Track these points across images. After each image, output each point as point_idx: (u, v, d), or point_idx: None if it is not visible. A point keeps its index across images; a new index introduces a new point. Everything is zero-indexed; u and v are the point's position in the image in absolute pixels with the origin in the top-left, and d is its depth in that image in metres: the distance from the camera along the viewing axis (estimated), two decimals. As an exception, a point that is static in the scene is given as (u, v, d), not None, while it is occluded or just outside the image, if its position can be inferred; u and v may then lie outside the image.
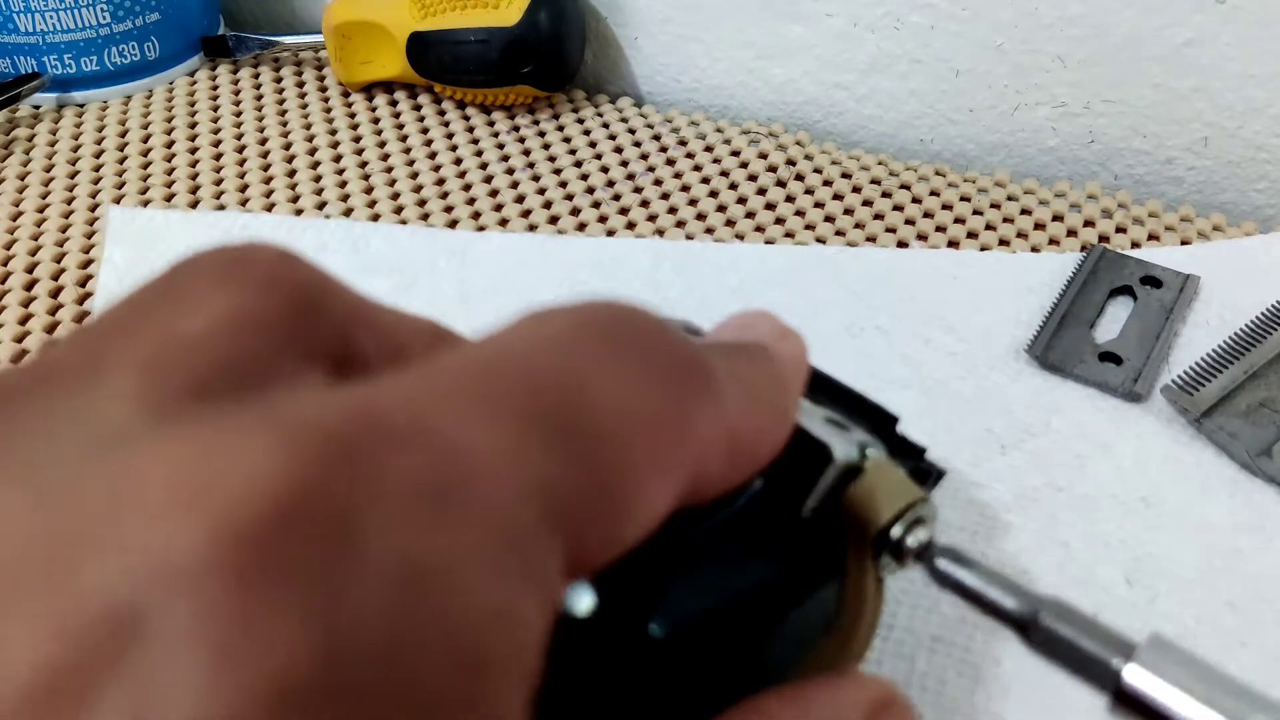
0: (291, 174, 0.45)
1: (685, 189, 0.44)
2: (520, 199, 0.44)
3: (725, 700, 0.15)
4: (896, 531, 0.17)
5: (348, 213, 0.43)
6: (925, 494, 0.17)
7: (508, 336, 0.12)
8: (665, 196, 0.44)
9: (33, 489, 0.10)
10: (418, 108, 0.50)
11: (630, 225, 0.42)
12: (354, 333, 0.13)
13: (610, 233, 0.42)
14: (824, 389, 0.27)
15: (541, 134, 0.48)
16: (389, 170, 0.45)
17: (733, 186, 0.44)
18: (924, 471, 0.27)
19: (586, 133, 0.48)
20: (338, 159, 0.46)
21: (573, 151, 0.47)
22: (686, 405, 0.13)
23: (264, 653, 0.08)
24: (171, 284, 0.13)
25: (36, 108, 0.49)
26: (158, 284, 0.13)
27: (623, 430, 0.12)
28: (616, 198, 0.44)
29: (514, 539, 0.10)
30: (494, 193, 0.44)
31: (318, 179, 0.45)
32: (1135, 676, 0.14)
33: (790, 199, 0.44)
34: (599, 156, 0.46)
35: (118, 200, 0.44)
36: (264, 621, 0.09)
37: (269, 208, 0.43)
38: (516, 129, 0.48)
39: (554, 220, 0.42)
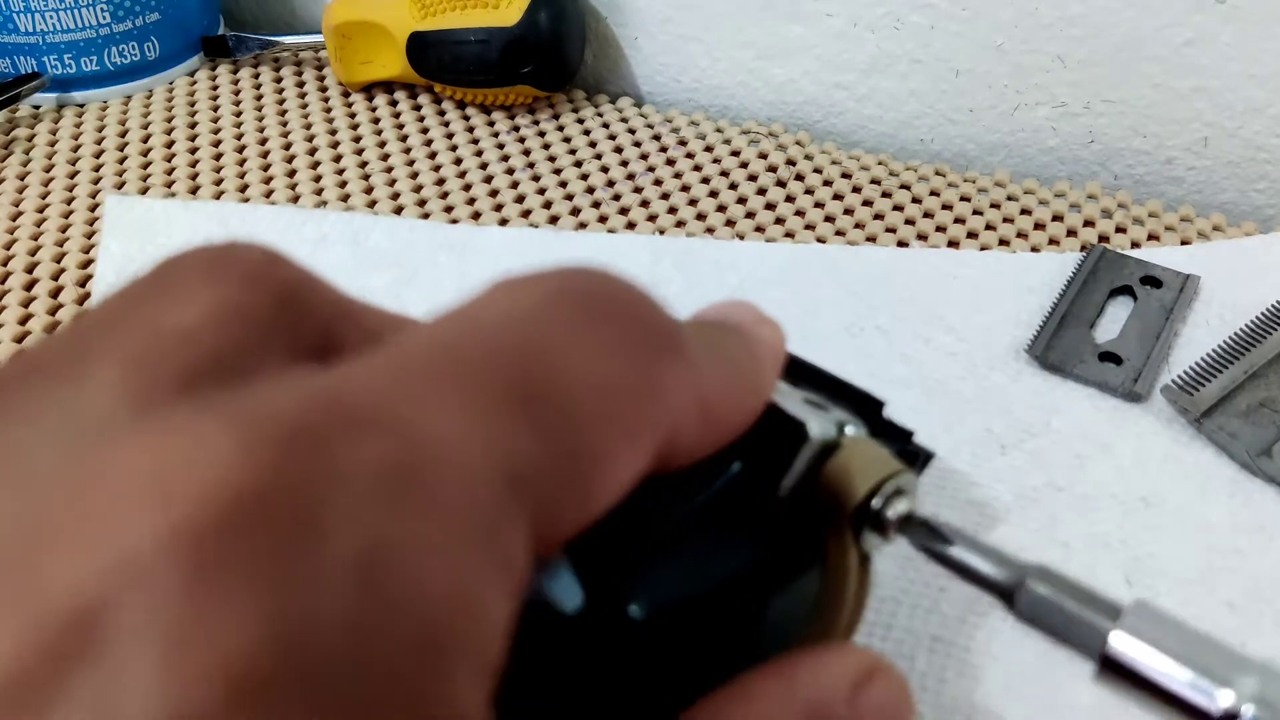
0: (291, 174, 0.45)
1: (685, 189, 0.44)
2: (520, 199, 0.44)
3: (712, 684, 0.15)
4: (876, 504, 0.17)
5: (347, 212, 0.43)
6: (903, 465, 0.17)
7: (476, 309, 0.12)
8: (665, 196, 0.44)
9: (7, 481, 0.10)
10: (418, 108, 0.50)
11: (630, 225, 0.42)
12: (337, 327, 0.13)
13: (610, 233, 0.42)
14: (807, 376, 0.27)
15: (541, 134, 0.48)
16: (389, 170, 0.45)
17: (733, 186, 0.44)
18: (911, 454, 0.27)
19: (586, 133, 0.48)
20: (338, 159, 0.46)
21: (573, 151, 0.47)
22: (658, 370, 0.13)
23: (218, 645, 0.09)
24: (159, 279, 0.13)
25: (36, 108, 0.49)
26: (145, 279, 0.13)
27: (591, 399, 0.12)
28: (616, 198, 0.44)
29: (479, 522, 0.10)
30: (494, 193, 0.44)
31: (318, 179, 0.45)
32: (1121, 642, 0.14)
33: (790, 199, 0.44)
34: (599, 156, 0.46)
35: (118, 200, 0.44)
36: (218, 614, 0.09)
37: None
38: (516, 129, 0.48)
39: (554, 220, 0.42)
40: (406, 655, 0.09)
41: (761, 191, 0.44)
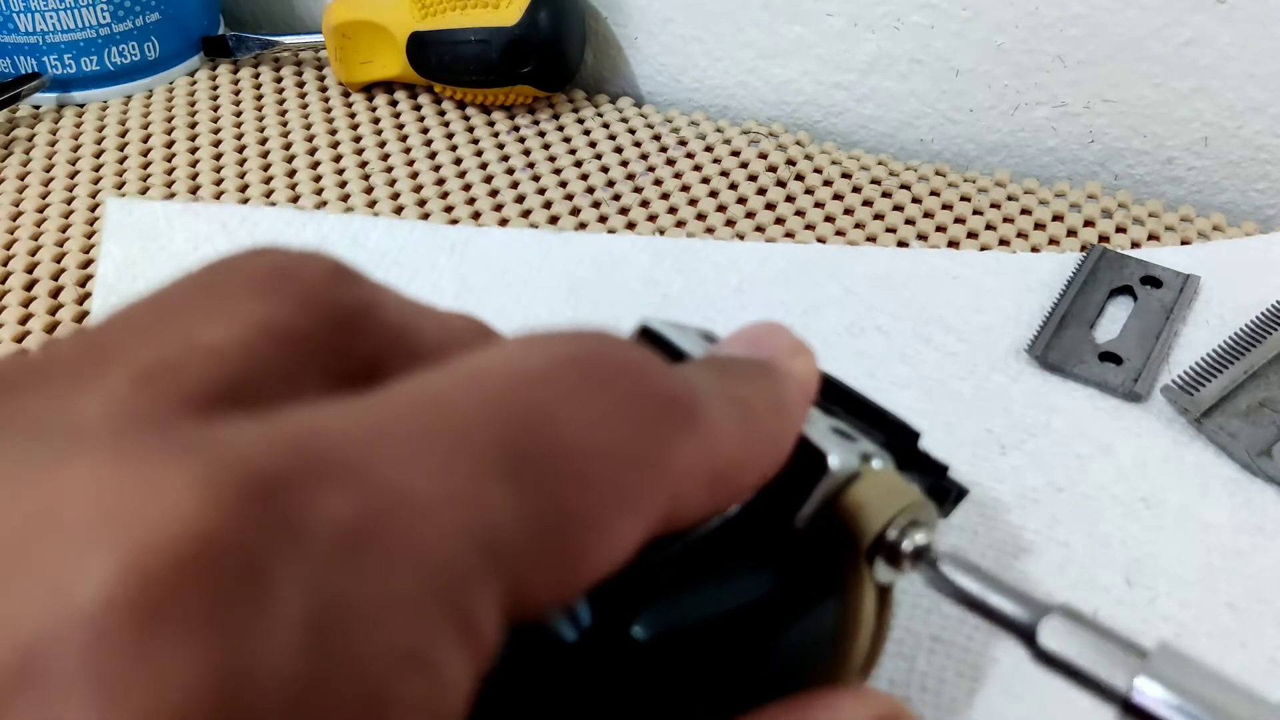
0: (291, 174, 0.45)
1: (685, 189, 0.44)
2: (520, 199, 0.44)
3: (720, 716, 0.15)
4: (891, 535, 0.16)
5: (347, 212, 0.43)
6: (922, 498, 0.17)
7: (482, 362, 0.12)
8: (665, 196, 0.44)
9: None
10: (418, 108, 0.50)
11: (630, 225, 0.42)
12: (391, 354, 0.13)
13: (610, 233, 0.42)
14: (843, 401, 0.26)
15: (541, 134, 0.48)
16: (389, 170, 0.45)
17: (733, 186, 0.44)
18: (944, 489, 0.26)
19: (586, 133, 0.48)
20: (338, 159, 0.46)
21: (573, 151, 0.47)
22: (661, 442, 0.12)
23: (155, 694, 0.08)
24: (209, 283, 0.13)
25: (36, 108, 0.49)
26: (196, 279, 0.13)
27: (587, 469, 0.12)
28: (616, 198, 0.44)
29: (441, 585, 0.10)
30: (494, 193, 0.44)
31: (318, 179, 0.45)
32: (1145, 687, 0.14)
33: (790, 199, 0.44)
34: (599, 156, 0.46)
35: (118, 200, 0.44)
36: (158, 663, 0.09)
37: (269, 206, 0.43)
38: (516, 129, 0.48)
39: (554, 220, 0.42)
40: (347, 715, 0.09)
41: (761, 191, 0.44)
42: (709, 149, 0.47)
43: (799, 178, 0.45)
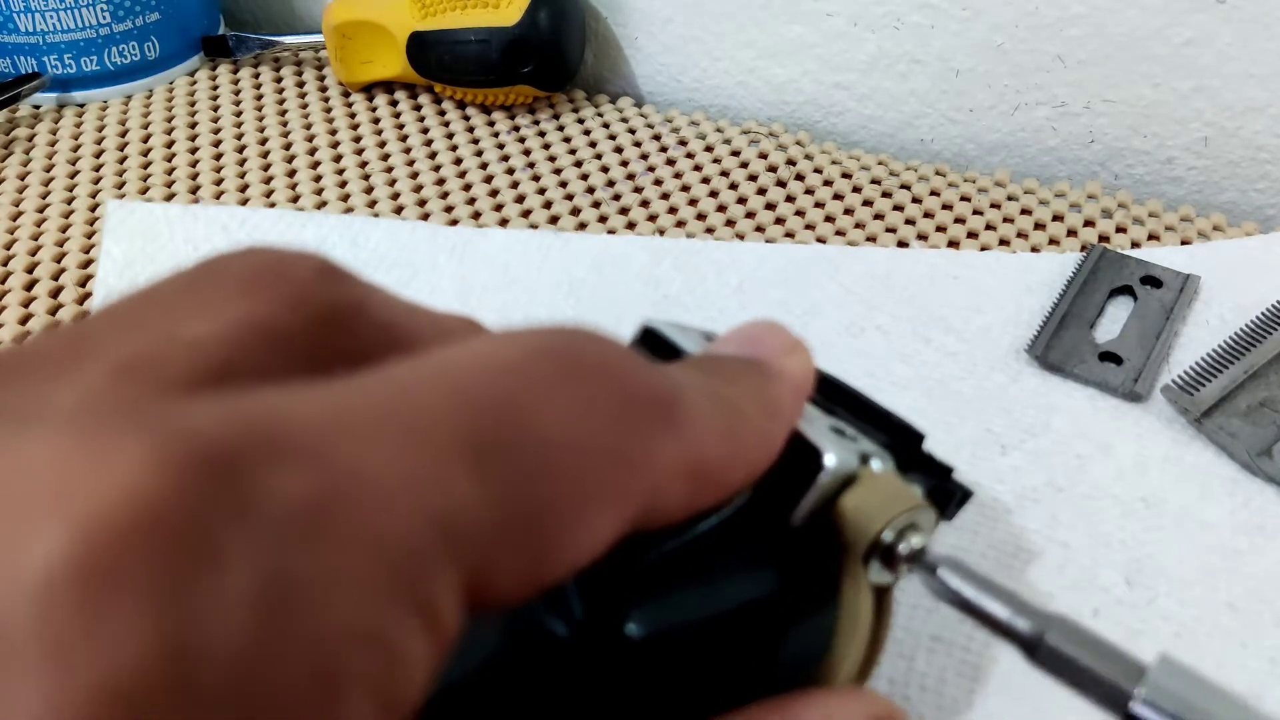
0: (292, 174, 0.45)
1: (685, 189, 0.44)
2: (520, 199, 0.44)
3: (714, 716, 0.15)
4: (888, 537, 0.16)
5: (348, 212, 0.43)
6: (921, 501, 0.16)
7: (460, 354, 0.12)
8: (665, 196, 0.44)
9: None
10: (418, 108, 0.50)
11: (630, 225, 0.42)
12: (378, 353, 0.13)
13: (610, 233, 0.42)
14: (846, 401, 0.26)
15: (541, 134, 0.48)
16: (389, 170, 0.45)
17: (733, 186, 0.44)
18: (948, 492, 0.26)
19: (586, 133, 0.48)
20: (338, 159, 0.46)
21: (573, 151, 0.47)
22: (636, 436, 0.12)
23: (102, 660, 0.08)
24: (193, 282, 0.13)
25: (36, 108, 0.49)
26: (184, 277, 0.13)
27: (557, 460, 0.12)
28: (616, 198, 0.44)
29: (396, 565, 0.10)
30: (494, 193, 0.44)
31: (318, 179, 0.45)
32: (1145, 702, 0.14)
33: (790, 199, 0.44)
34: (599, 156, 0.46)
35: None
36: (106, 634, 0.09)
37: (269, 207, 0.43)
38: (516, 129, 0.48)
39: (554, 220, 0.42)
40: (297, 688, 0.09)
41: (761, 191, 0.44)
42: (709, 149, 0.47)
43: (799, 178, 0.45)
